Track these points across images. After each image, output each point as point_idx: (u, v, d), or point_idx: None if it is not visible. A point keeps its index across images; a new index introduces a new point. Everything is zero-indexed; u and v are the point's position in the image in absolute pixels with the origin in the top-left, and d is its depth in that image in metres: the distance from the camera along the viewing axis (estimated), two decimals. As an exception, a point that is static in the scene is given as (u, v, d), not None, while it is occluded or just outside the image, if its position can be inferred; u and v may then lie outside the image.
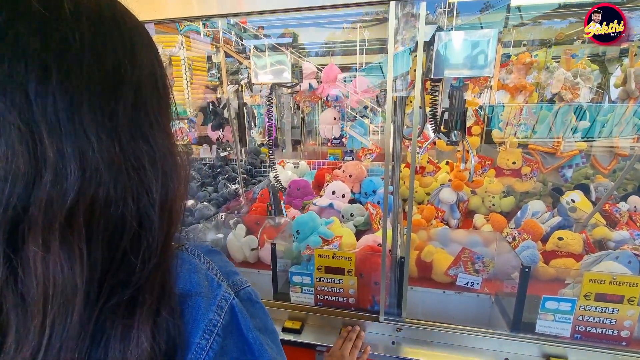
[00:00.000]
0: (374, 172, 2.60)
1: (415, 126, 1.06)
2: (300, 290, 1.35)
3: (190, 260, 0.44)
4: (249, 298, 0.47)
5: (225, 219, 1.78)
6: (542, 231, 1.75)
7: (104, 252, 0.35)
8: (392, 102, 1.06)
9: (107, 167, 0.34)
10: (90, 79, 0.33)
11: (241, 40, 5.80)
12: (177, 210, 0.42)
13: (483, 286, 1.45)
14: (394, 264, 1.25)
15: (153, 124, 0.39)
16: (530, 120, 2.08)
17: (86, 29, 0.33)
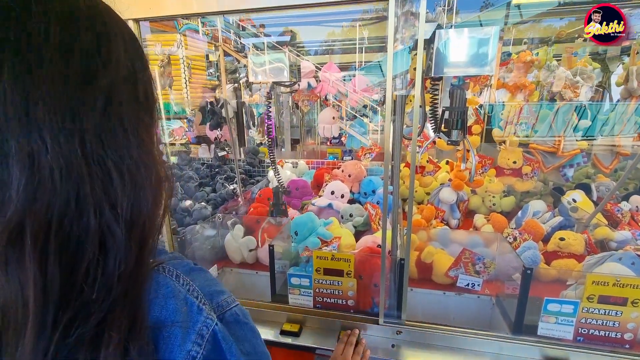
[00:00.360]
0: (374, 172, 2.58)
1: (415, 125, 1.04)
2: (298, 292, 1.33)
3: (167, 283, 0.40)
4: (235, 320, 0.43)
5: (223, 219, 1.76)
6: (543, 231, 1.74)
7: (62, 276, 0.31)
8: (392, 101, 1.04)
9: (64, 174, 0.30)
10: (53, 76, 0.30)
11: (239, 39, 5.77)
12: (151, 229, 0.38)
13: (484, 287, 1.43)
14: (394, 265, 1.23)
15: (128, 132, 0.35)
16: (530, 119, 2.07)
17: (54, 24, 0.31)
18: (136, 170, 0.36)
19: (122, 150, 0.35)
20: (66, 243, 0.31)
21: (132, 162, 0.35)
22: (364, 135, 2.38)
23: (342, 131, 2.67)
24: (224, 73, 6.39)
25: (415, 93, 1.00)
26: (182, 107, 6.13)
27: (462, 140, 1.15)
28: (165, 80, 6.34)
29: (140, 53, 0.39)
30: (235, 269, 1.73)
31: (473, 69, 1.01)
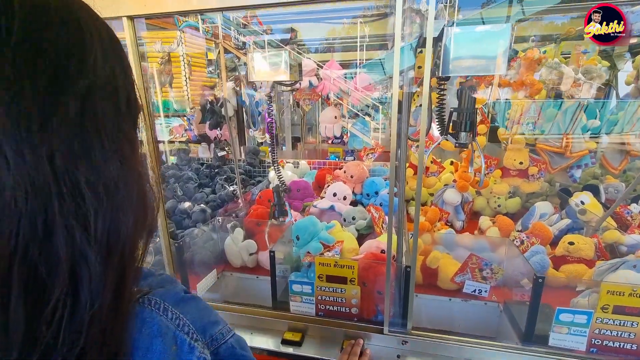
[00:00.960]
0: (376, 172, 2.54)
1: (423, 126, 0.99)
2: (300, 299, 1.29)
3: (153, 318, 0.35)
4: (231, 353, 0.39)
5: (223, 222, 1.71)
6: (551, 235, 1.69)
7: (27, 314, 0.26)
8: (397, 100, 0.99)
9: (30, 192, 0.26)
10: (16, 78, 0.26)
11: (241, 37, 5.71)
12: (132, 256, 0.33)
13: (491, 294, 1.39)
14: (399, 272, 1.19)
15: (105, 145, 0.31)
16: (537, 119, 2.01)
17: (18, 22, 0.26)
18: (114, 188, 0.31)
19: (99, 166, 0.30)
20: (32, 274, 0.27)
21: (110, 179, 0.31)
22: (366, 135, 2.33)
23: (344, 129, 2.62)
24: (224, 71, 6.34)
25: (424, 92, 0.95)
26: (182, 105, 6.07)
27: (471, 142, 1.10)
28: (165, 77, 6.28)
29: (122, 56, 0.35)
30: (235, 273, 1.69)
31: (485, 69, 0.96)
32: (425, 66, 0.91)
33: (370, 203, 2.08)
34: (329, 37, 5.55)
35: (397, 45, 0.92)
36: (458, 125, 1.11)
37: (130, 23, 1.07)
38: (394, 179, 1.13)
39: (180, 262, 1.41)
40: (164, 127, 5.96)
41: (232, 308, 1.33)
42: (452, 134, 1.17)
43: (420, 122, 0.99)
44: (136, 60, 1.12)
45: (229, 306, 1.34)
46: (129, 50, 1.10)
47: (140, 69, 1.13)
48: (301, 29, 5.52)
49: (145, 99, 1.16)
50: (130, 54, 1.10)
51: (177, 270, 1.40)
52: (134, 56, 1.11)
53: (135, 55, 1.11)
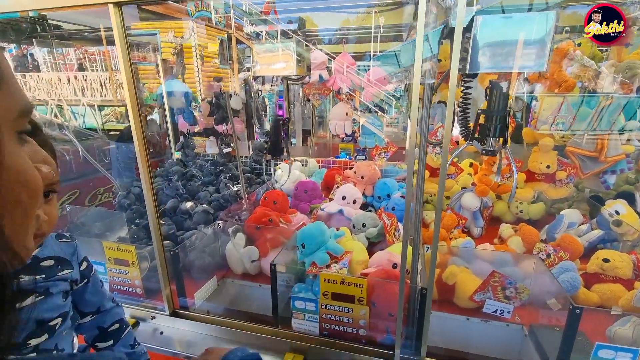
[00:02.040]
0: (389, 173, 2.40)
1: (447, 127, 0.85)
2: (303, 316, 1.18)
3: None
4: None
5: (224, 226, 1.61)
6: (581, 249, 1.53)
7: None
8: (417, 98, 0.85)
9: None
10: None
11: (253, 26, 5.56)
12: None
13: (514, 314, 1.25)
14: (413, 294, 1.06)
15: None
16: (569, 119, 1.83)
17: None
18: None
19: None
20: None
21: None
22: (379, 132, 2.19)
23: (356, 123, 2.48)
24: (236, 62, 6.21)
25: (450, 89, 0.80)
26: (195, 96, 6.01)
27: (500, 151, 0.96)
28: (178, 69, 6.22)
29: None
30: (236, 280, 1.60)
31: (522, 64, 0.81)
32: (453, 60, 0.77)
33: (382, 207, 1.95)
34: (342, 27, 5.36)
35: (420, 31, 0.78)
36: (486, 130, 0.96)
37: (117, 10, 0.96)
38: (411, 184, 0.99)
39: (176, 270, 1.32)
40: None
41: (230, 323, 1.24)
42: (477, 139, 1.03)
43: (437, 121, 0.86)
44: (124, 50, 1.01)
45: (227, 321, 1.25)
46: (116, 40, 0.99)
47: (129, 59, 1.02)
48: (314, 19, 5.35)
49: (134, 90, 1.05)
50: (118, 43, 0.99)
51: (172, 278, 1.31)
52: (122, 46, 1.00)
53: (124, 45, 1.00)
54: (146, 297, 1.39)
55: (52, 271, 0.74)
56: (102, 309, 0.90)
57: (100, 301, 0.90)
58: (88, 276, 0.86)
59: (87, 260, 0.87)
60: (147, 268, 1.39)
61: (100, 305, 0.90)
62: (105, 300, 0.92)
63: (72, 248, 0.82)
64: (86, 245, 1.43)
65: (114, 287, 1.41)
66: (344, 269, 1.30)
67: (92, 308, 0.89)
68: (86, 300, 0.87)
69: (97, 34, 5.34)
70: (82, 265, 0.85)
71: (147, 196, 1.15)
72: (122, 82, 1.03)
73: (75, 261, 0.82)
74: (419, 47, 0.78)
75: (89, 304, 0.88)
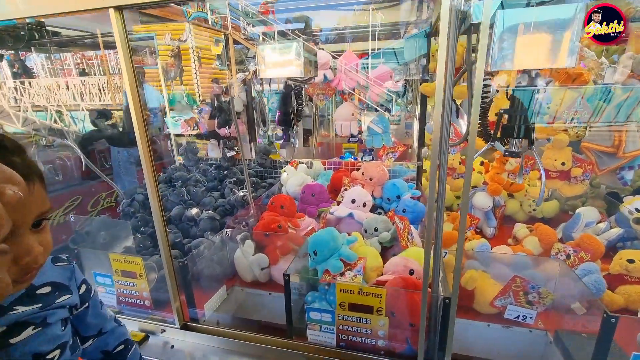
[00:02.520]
0: (396, 173, 2.35)
1: (474, 125, 0.79)
2: (318, 328, 1.13)
3: None
4: None
5: (232, 234, 1.57)
6: (602, 249, 1.48)
7: None
8: (442, 96, 0.80)
9: None
10: None
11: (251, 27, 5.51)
12: None
13: (537, 320, 1.20)
14: (435, 302, 1.02)
15: None
16: (584, 114, 1.77)
17: None
18: None
19: None
20: None
21: None
22: (386, 132, 2.13)
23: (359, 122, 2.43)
24: (234, 63, 6.16)
25: (475, 87, 0.75)
26: (193, 98, 5.98)
27: (525, 152, 0.91)
28: (176, 71, 6.18)
29: None
30: (246, 289, 1.55)
31: (550, 61, 0.76)
32: (479, 55, 0.72)
33: (392, 209, 1.90)
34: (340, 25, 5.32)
35: (442, 38, 0.73)
36: (509, 130, 0.91)
37: (117, 15, 0.92)
38: (434, 187, 0.93)
39: (185, 281, 1.28)
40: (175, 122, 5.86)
41: (243, 336, 1.19)
42: (499, 139, 0.98)
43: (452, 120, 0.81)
44: (126, 54, 0.96)
45: (239, 333, 1.20)
46: (117, 45, 0.94)
47: (131, 63, 0.98)
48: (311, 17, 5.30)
49: (138, 94, 1.00)
50: (120, 48, 0.95)
51: (181, 290, 1.27)
52: (124, 50, 0.95)
53: (125, 50, 0.95)
54: (155, 309, 1.35)
55: (50, 299, 0.68)
56: (103, 330, 0.85)
57: (102, 323, 0.85)
58: (88, 299, 0.80)
59: (86, 282, 0.81)
60: (155, 279, 1.34)
61: (102, 327, 0.85)
62: (107, 322, 0.86)
63: (69, 271, 0.76)
64: (92, 257, 1.39)
65: (122, 299, 1.37)
66: (358, 276, 1.26)
67: (93, 331, 0.83)
68: (87, 323, 0.82)
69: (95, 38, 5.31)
70: (80, 288, 0.78)
71: (154, 207, 1.10)
72: (125, 87, 0.99)
73: (74, 285, 0.76)
74: (443, 45, 0.72)
75: (90, 327, 0.83)
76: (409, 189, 2.02)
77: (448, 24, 0.71)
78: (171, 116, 5.12)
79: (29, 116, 4.35)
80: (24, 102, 5.11)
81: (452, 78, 0.85)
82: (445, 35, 0.72)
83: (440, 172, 0.87)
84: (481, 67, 0.73)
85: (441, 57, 0.74)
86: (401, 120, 4.62)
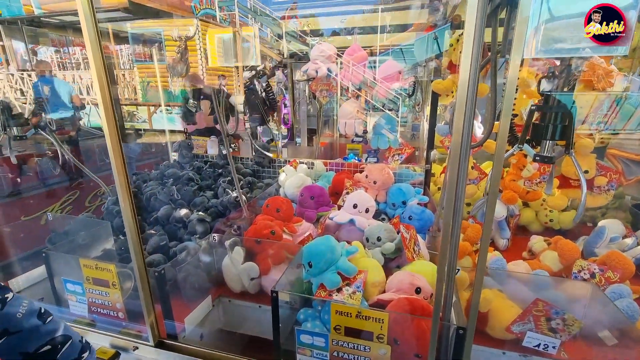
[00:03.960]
0: (403, 177, 2.19)
1: (504, 127, 0.65)
2: (310, 353, 0.99)
3: None
4: None
5: (220, 239, 1.43)
6: (633, 269, 1.32)
7: None
8: (466, 94, 0.65)
9: None
10: None
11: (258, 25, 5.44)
12: None
13: (561, 350, 1.05)
14: (446, 332, 0.87)
15: None
16: (611, 118, 1.61)
17: None
18: None
19: None
20: None
21: None
22: (393, 133, 1.99)
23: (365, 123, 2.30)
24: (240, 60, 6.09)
25: (509, 80, 0.60)
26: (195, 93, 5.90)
27: (562, 157, 0.76)
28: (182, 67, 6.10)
29: None
30: (233, 300, 1.41)
31: (604, 46, 0.61)
32: (516, 42, 0.57)
33: (397, 215, 1.75)
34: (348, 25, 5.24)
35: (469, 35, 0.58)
36: (542, 131, 0.76)
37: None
38: (452, 196, 0.78)
39: (163, 291, 1.14)
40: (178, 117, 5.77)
41: (223, 357, 1.05)
42: (528, 141, 0.83)
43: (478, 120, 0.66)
44: (93, 39, 0.82)
45: (221, 354, 1.06)
46: (82, 25, 0.80)
47: (99, 50, 0.84)
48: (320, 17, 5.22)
49: (107, 84, 0.86)
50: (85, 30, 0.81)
51: (156, 301, 1.13)
52: (90, 30, 0.81)
53: (92, 32, 0.82)
54: (130, 322, 1.21)
55: None
56: (12, 330, 0.71)
57: (4, 323, 0.71)
58: None
59: None
60: (130, 288, 1.21)
61: (8, 327, 0.71)
62: (15, 322, 0.72)
63: None
64: (62, 262, 1.26)
65: (94, 309, 1.23)
66: (357, 292, 1.11)
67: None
68: None
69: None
70: None
71: (124, 206, 0.97)
72: (92, 76, 0.85)
73: None
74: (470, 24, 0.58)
75: None
76: (416, 194, 1.87)
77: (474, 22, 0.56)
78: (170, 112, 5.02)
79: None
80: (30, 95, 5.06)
81: (478, 68, 0.70)
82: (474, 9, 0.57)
83: (459, 178, 0.72)
84: (518, 53, 0.58)
85: (467, 43, 0.59)
86: (408, 121, 4.47)
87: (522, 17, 0.58)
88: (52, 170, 3.08)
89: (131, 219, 0.98)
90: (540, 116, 0.77)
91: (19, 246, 1.84)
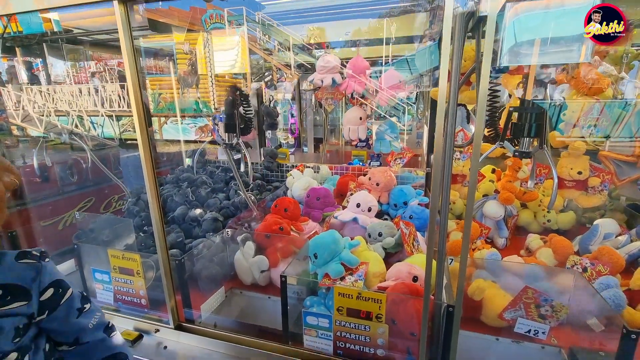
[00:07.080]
0: (405, 179, 2.29)
1: (478, 129, 0.76)
2: (315, 333, 1.09)
3: None
4: None
5: (233, 234, 1.54)
6: (623, 263, 1.39)
7: None
8: (445, 98, 0.76)
9: None
10: None
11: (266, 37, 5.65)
12: None
13: (550, 335, 1.13)
14: (438, 311, 0.96)
15: None
16: (602, 121, 1.70)
17: None
18: None
19: None
20: None
21: None
22: (395, 139, 2.10)
23: (369, 131, 2.42)
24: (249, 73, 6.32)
25: (481, 86, 0.71)
26: (208, 105, 6.13)
27: (535, 152, 0.86)
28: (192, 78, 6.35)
29: None
30: (245, 292, 1.52)
31: (562, 55, 0.72)
32: (485, 50, 0.68)
33: (398, 215, 1.85)
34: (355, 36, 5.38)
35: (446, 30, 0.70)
36: (520, 129, 0.86)
37: (122, 9, 0.92)
38: (437, 193, 0.90)
39: (182, 280, 1.25)
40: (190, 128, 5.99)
41: (238, 339, 1.15)
42: (508, 140, 0.93)
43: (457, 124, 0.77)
44: (130, 53, 0.96)
45: (234, 336, 1.17)
46: (121, 42, 0.94)
47: (135, 63, 0.98)
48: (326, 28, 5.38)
49: (140, 96, 1.00)
50: (123, 46, 0.95)
51: (177, 289, 1.24)
52: (128, 49, 0.95)
53: (129, 48, 0.96)
54: (151, 308, 1.33)
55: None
56: (81, 340, 0.75)
57: (77, 332, 0.74)
58: (51, 307, 0.69)
59: (59, 284, 0.70)
60: (152, 277, 1.33)
61: (78, 337, 0.74)
62: (86, 332, 0.75)
63: (33, 271, 0.65)
64: (92, 253, 1.39)
65: (119, 297, 1.35)
66: (359, 281, 1.21)
67: (66, 339, 0.74)
68: (56, 330, 0.71)
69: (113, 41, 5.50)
70: (44, 293, 0.67)
71: (151, 204, 1.09)
72: (128, 87, 0.98)
73: (36, 289, 0.65)
74: (446, 39, 0.69)
75: (61, 335, 0.73)
76: (417, 195, 1.96)
77: (452, 9, 0.67)
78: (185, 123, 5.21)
79: (51, 120, 4.54)
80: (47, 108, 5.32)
81: (459, 75, 0.81)
82: (449, 21, 0.69)
83: (444, 174, 0.83)
84: (487, 62, 0.70)
85: (445, 53, 0.71)
86: (413, 129, 4.58)
87: (488, 27, 0.69)
88: (70, 177, 3.26)
89: (158, 216, 1.11)
90: (517, 116, 0.88)
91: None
